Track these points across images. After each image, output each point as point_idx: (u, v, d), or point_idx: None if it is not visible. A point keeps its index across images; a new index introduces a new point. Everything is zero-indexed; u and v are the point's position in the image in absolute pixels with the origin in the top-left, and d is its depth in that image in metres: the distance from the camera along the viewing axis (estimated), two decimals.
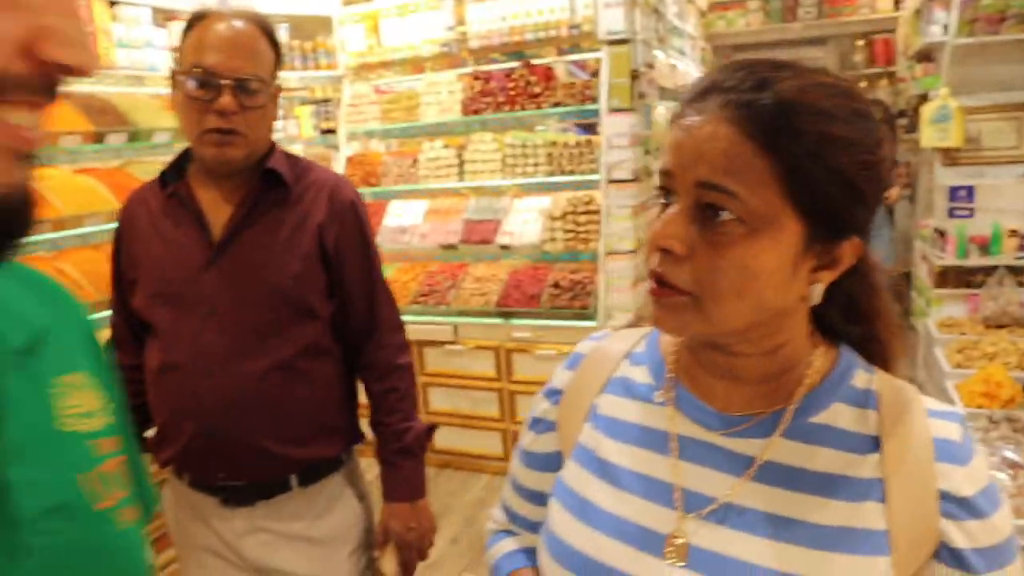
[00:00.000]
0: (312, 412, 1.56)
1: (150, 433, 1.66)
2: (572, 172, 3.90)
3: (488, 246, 4.02)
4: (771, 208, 0.67)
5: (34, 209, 0.48)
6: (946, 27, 5.18)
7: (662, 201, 0.74)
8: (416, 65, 4.25)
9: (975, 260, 4.18)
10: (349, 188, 1.63)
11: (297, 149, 4.07)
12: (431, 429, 1.70)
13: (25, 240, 0.47)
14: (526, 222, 3.99)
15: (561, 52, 4.03)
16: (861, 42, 7.60)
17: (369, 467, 1.67)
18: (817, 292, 0.74)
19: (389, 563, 1.71)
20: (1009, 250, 4.12)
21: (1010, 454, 2.87)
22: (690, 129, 0.70)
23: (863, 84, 7.62)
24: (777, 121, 0.66)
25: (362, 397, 1.70)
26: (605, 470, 0.83)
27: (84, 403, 0.62)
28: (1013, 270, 4.11)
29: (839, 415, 0.76)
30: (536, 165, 3.95)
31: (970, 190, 4.22)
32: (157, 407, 1.57)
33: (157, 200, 1.57)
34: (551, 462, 0.92)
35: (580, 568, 0.78)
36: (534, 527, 0.95)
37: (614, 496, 0.80)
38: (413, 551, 1.67)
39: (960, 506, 0.69)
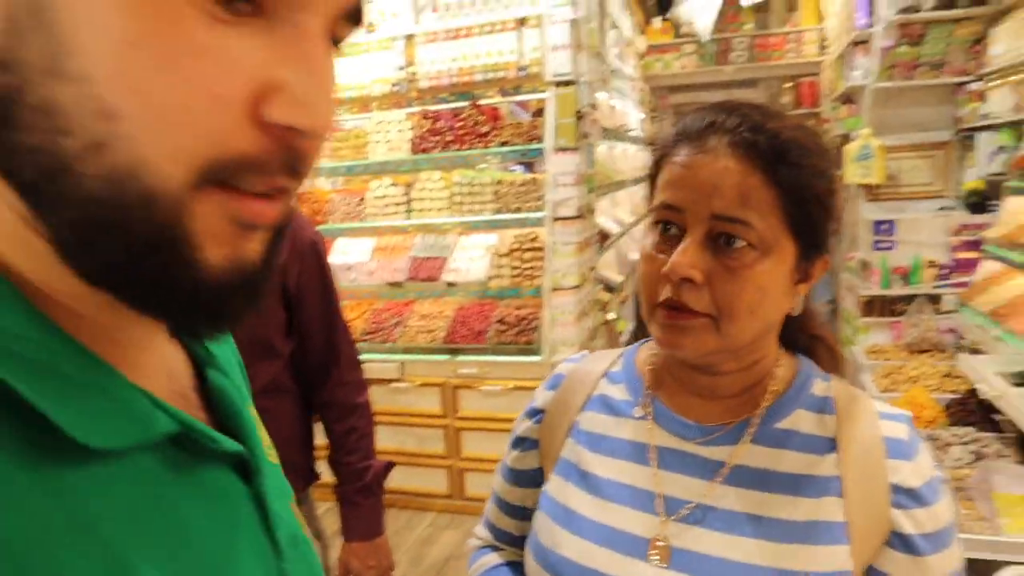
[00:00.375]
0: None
1: None
2: (518, 209, 4.00)
3: (434, 283, 4.08)
4: (775, 233, 0.78)
5: (267, 283, 0.42)
6: (867, 72, 5.52)
7: (661, 233, 0.83)
8: (364, 104, 4.32)
9: (898, 290, 4.42)
10: (310, 228, 1.68)
11: None
12: (389, 467, 1.74)
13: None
14: (472, 259, 4.07)
15: (505, 92, 4.15)
16: (789, 84, 7.99)
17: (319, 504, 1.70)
18: (799, 304, 0.85)
19: None
20: (928, 280, 4.39)
21: (941, 471, 3.05)
22: (698, 165, 0.79)
23: None
24: (777, 157, 0.77)
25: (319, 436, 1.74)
26: (588, 482, 0.89)
27: (264, 436, 0.59)
28: (932, 298, 4.37)
29: (801, 420, 0.84)
30: (483, 203, 4.05)
31: (891, 224, 4.48)
32: None
33: None
34: (534, 478, 0.98)
35: (568, 574, 0.84)
36: (517, 541, 1.02)
37: (598, 506, 0.86)
38: None
39: (908, 496, 0.78)
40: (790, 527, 0.78)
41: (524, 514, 1.00)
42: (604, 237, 4.76)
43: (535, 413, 1.01)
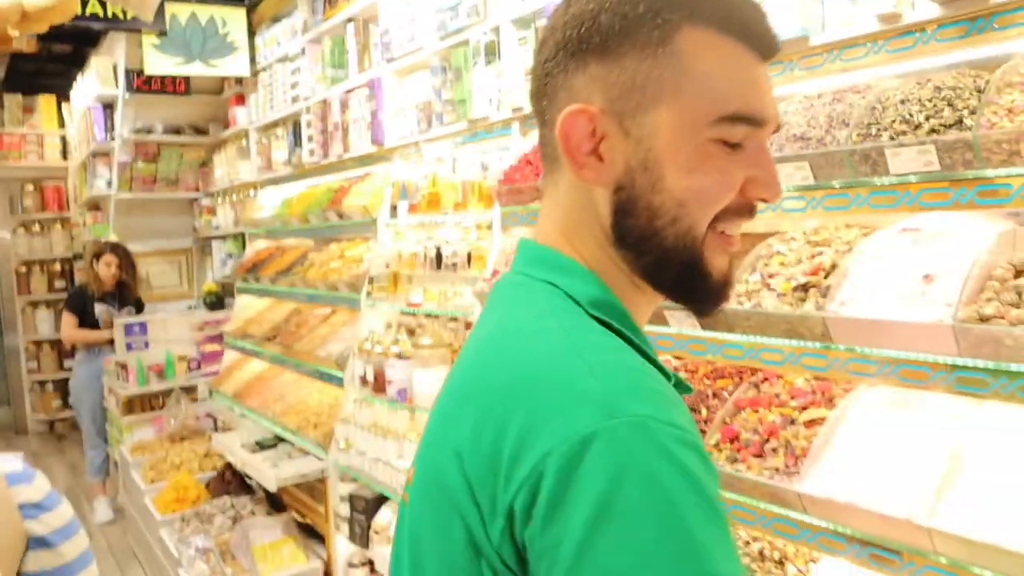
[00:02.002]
0: None
1: None
2: None
3: None
4: None
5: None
6: (110, 183, 5.77)
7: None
8: None
9: (156, 385, 4.71)
10: None
11: None
12: None
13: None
14: None
15: None
16: (31, 187, 7.65)
17: None
18: None
19: None
20: (181, 373, 4.81)
21: (201, 542, 3.38)
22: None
23: (35, 228, 7.65)
24: None
25: None
26: None
27: None
28: (187, 389, 4.80)
29: None
30: None
31: (143, 325, 4.76)
32: None
33: None
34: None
35: None
36: None
37: None
38: None
39: (36, 507, 1.05)
40: None
41: None
42: None
43: None
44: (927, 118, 1.37)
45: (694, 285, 0.71)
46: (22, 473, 1.07)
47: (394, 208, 2.99)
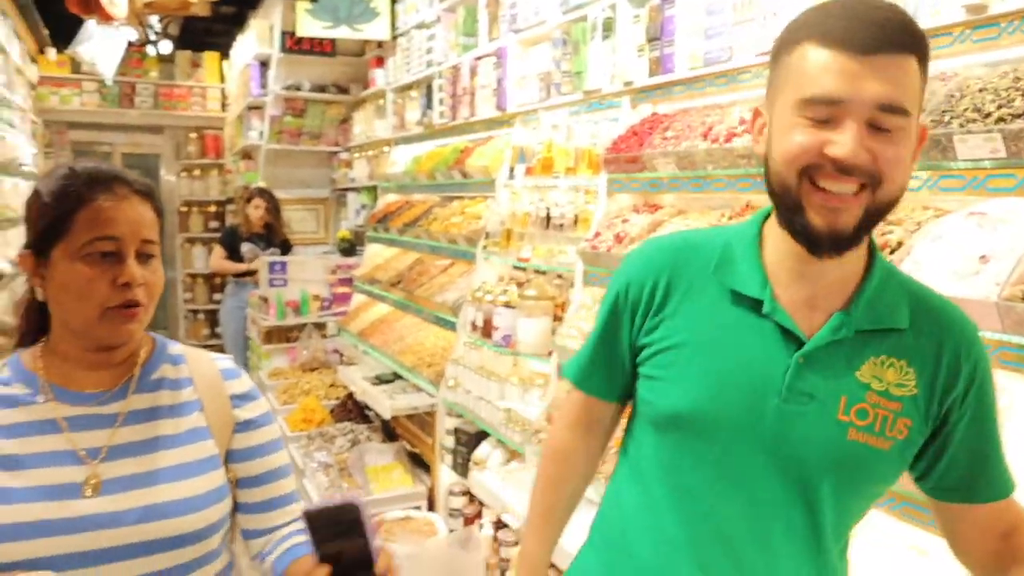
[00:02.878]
0: None
1: None
2: None
3: None
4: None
5: (858, 239, 0.96)
6: (261, 134, 6.32)
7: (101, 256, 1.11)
8: None
9: (291, 320, 5.21)
10: None
11: None
12: None
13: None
14: None
15: None
16: (194, 135, 8.42)
17: None
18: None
19: None
20: (314, 311, 5.29)
21: (323, 458, 3.81)
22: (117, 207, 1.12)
23: (196, 173, 8.43)
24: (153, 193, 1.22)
25: None
26: (9, 463, 1.10)
27: None
28: (318, 326, 5.28)
29: (165, 371, 1.24)
30: None
31: (284, 265, 5.26)
32: None
33: None
34: None
35: (14, 533, 1.06)
36: None
37: (25, 475, 1.09)
38: None
39: (241, 399, 1.29)
40: (180, 437, 1.21)
41: None
42: None
43: None
44: (998, 107, 1.46)
45: (796, 228, 0.96)
46: (232, 370, 1.31)
47: (512, 170, 3.23)
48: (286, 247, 5.65)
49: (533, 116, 3.29)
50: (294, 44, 5.73)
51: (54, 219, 1.12)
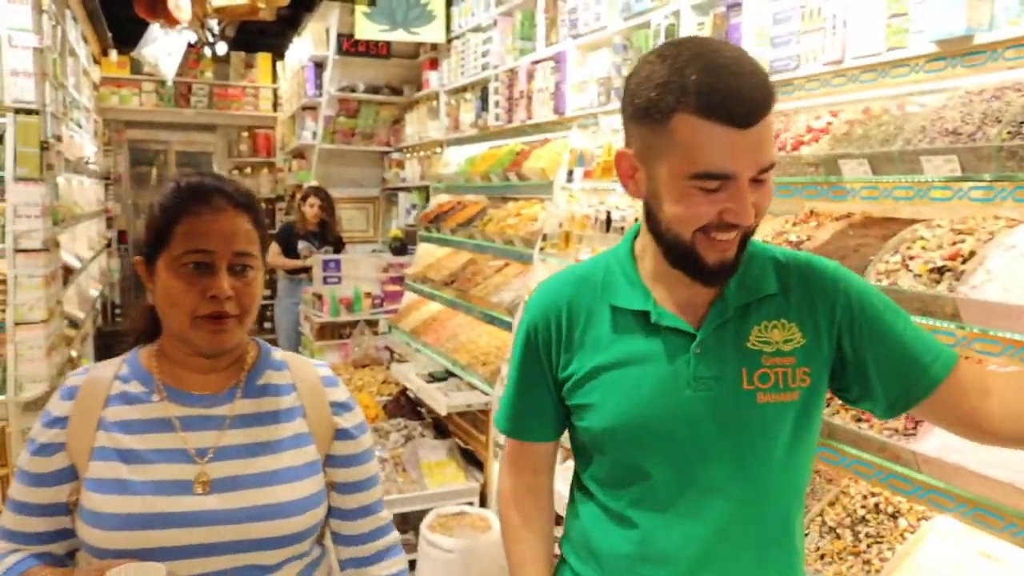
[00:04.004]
0: None
1: None
2: None
3: None
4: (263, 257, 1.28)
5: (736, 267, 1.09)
6: (315, 133, 6.46)
7: (193, 268, 1.16)
8: None
9: (344, 317, 5.33)
10: None
11: None
12: None
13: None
14: None
15: None
16: (246, 133, 8.62)
17: None
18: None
19: None
20: (366, 308, 5.39)
21: (378, 452, 3.91)
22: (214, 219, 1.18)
23: (247, 171, 8.63)
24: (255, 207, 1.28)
25: None
26: (130, 456, 1.17)
27: None
28: (370, 323, 5.39)
29: (270, 377, 1.28)
30: None
31: (338, 263, 5.37)
32: None
33: None
34: (63, 476, 1.18)
35: (134, 523, 1.14)
36: (47, 538, 1.22)
37: (144, 470, 1.16)
38: None
39: (340, 407, 1.32)
40: (283, 441, 1.23)
41: (58, 509, 1.19)
42: (68, 272, 4.64)
43: (57, 421, 1.20)
44: None
45: (688, 266, 1.08)
46: (332, 378, 1.34)
47: (570, 173, 3.28)
48: (339, 245, 5.77)
49: (592, 120, 3.34)
50: (350, 46, 5.86)
51: (158, 230, 1.19)
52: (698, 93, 0.95)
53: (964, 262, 1.61)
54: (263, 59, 8.53)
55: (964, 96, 1.77)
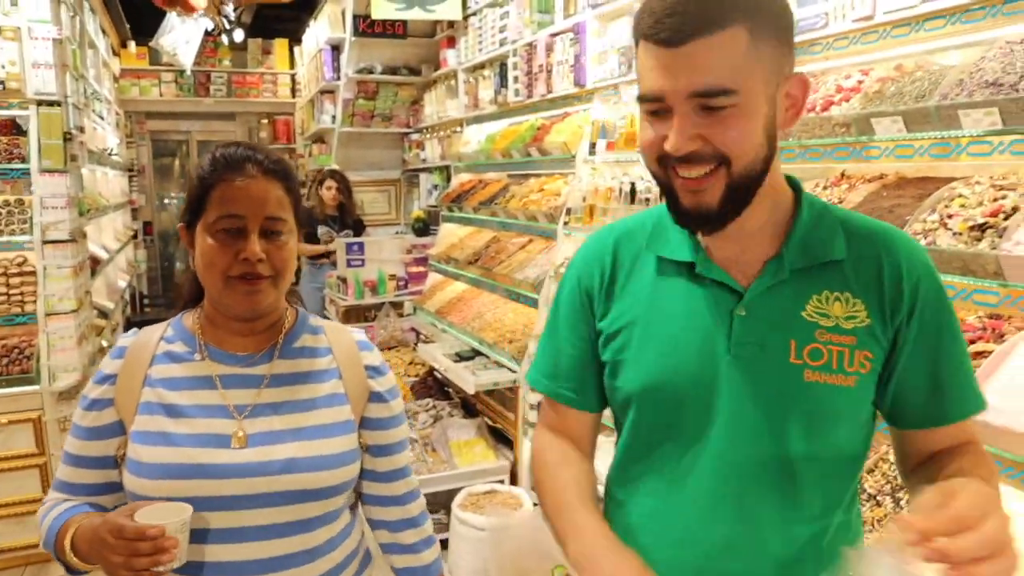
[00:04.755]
0: None
1: None
2: (0, 232, 3.76)
3: None
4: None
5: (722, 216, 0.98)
6: (334, 117, 6.44)
7: (226, 233, 1.20)
8: None
9: (369, 299, 5.33)
10: None
11: None
12: None
13: None
14: None
15: None
16: (265, 120, 8.63)
17: None
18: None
19: None
20: (391, 290, 5.39)
21: (413, 433, 3.90)
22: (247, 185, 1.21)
23: None
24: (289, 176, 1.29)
25: None
26: (173, 411, 1.23)
27: None
28: (395, 305, 5.39)
29: (306, 340, 1.33)
30: None
31: (361, 246, 5.37)
32: None
33: None
34: (113, 431, 1.28)
35: (175, 472, 1.20)
36: (97, 489, 1.29)
37: (186, 423, 1.24)
38: None
39: (375, 371, 1.36)
40: (318, 401, 1.30)
41: (107, 463, 1.29)
42: (95, 262, 4.68)
43: (107, 379, 1.28)
44: None
45: (671, 208, 1.01)
46: (366, 343, 1.39)
47: (593, 146, 3.24)
48: (359, 227, 5.77)
49: (613, 91, 3.29)
50: (367, 27, 5.81)
51: (196, 198, 1.25)
52: (639, 14, 0.94)
53: (1007, 218, 1.56)
54: (280, 45, 8.52)
55: (1005, 46, 1.70)
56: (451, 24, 5.47)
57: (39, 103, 3.78)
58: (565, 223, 3.34)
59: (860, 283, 1.01)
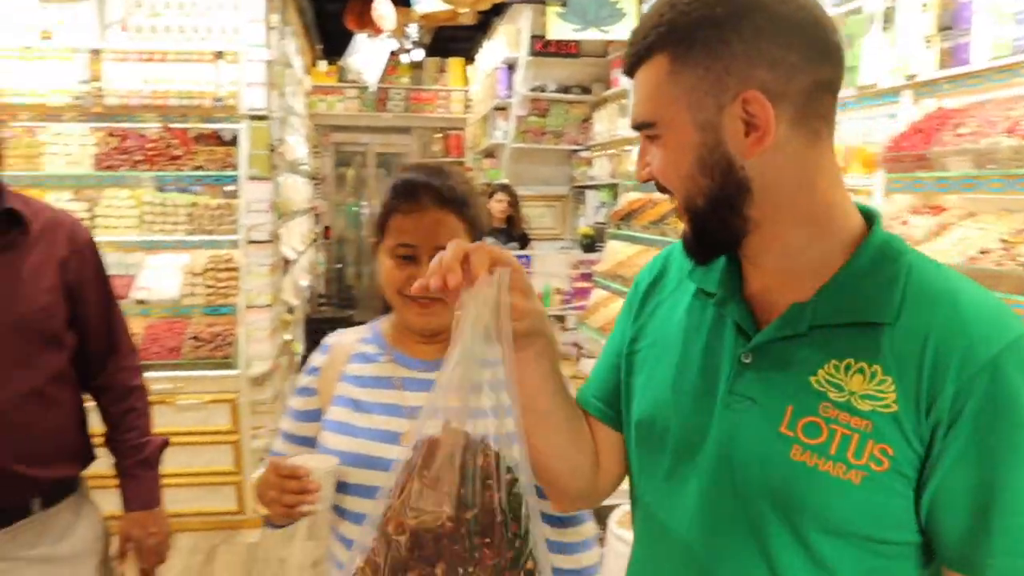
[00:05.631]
0: (58, 435, 1.71)
1: None
2: (212, 232, 4.17)
3: (122, 301, 4.05)
4: None
5: None
6: (506, 133, 6.66)
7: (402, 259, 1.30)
8: (38, 112, 4.13)
9: None
10: (84, 227, 1.81)
11: None
12: (165, 443, 1.91)
13: None
14: (162, 278, 4.14)
15: (201, 120, 4.31)
16: (439, 135, 9.05)
17: None
18: None
19: (131, 570, 1.86)
20: (556, 304, 5.49)
21: None
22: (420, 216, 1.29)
23: None
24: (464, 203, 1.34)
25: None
26: (358, 405, 1.35)
27: None
28: (559, 318, 5.48)
29: None
30: (176, 224, 4.15)
31: (528, 259, 5.51)
32: None
33: None
34: (314, 416, 1.41)
35: (351, 461, 1.31)
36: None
37: (367, 418, 1.33)
38: (153, 555, 1.84)
39: None
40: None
41: (311, 443, 1.39)
42: (286, 262, 5.10)
43: (314, 370, 1.44)
44: None
45: None
46: None
47: None
48: (524, 240, 5.92)
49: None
50: (541, 47, 5.99)
51: (378, 223, 1.36)
52: None
53: None
54: (454, 63, 8.92)
55: None
56: (624, 44, 5.52)
57: (251, 118, 4.19)
58: None
59: (898, 358, 0.77)
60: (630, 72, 0.87)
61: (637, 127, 0.86)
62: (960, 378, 0.74)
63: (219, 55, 4.16)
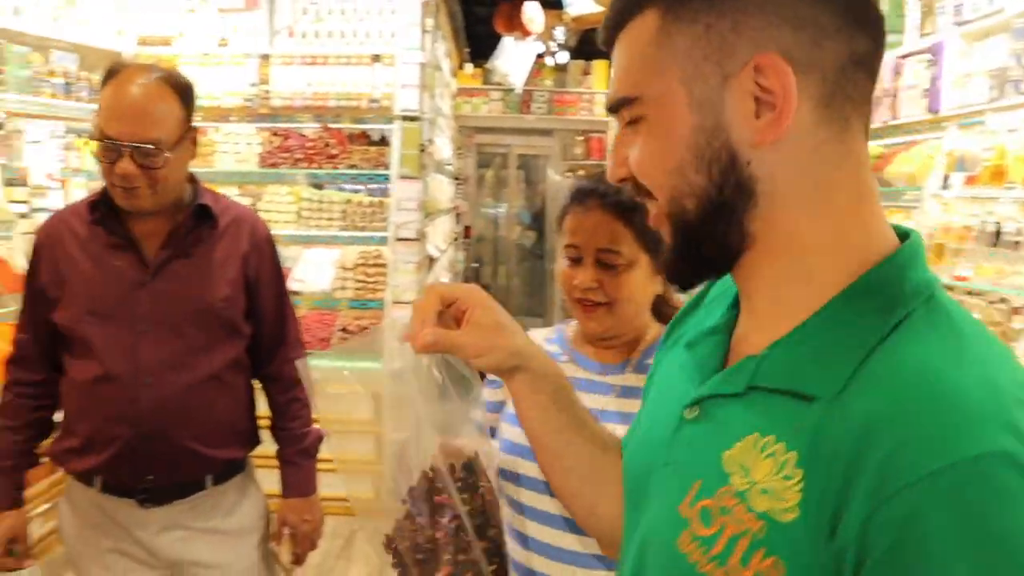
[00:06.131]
0: (230, 419, 1.83)
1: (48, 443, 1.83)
2: (363, 228, 4.36)
3: None
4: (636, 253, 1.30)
5: None
6: None
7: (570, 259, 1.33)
8: (218, 114, 4.46)
9: None
10: (263, 223, 1.93)
11: (80, 182, 4.07)
12: (322, 435, 1.96)
13: None
14: (316, 271, 4.36)
15: (356, 120, 4.51)
16: (581, 138, 9.05)
17: None
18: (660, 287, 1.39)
19: (284, 552, 1.98)
20: None
21: None
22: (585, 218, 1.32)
23: (580, 173, 9.04)
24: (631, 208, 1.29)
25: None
26: None
27: None
28: None
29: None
30: (330, 219, 4.36)
31: None
32: (85, 416, 1.72)
33: (83, 224, 1.74)
34: (496, 407, 1.46)
35: (514, 450, 1.33)
36: None
37: None
38: (307, 540, 1.95)
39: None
40: None
41: (490, 433, 1.45)
42: (430, 260, 5.24)
43: None
44: None
45: None
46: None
47: (946, 178, 2.94)
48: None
49: (975, 119, 2.96)
50: None
51: (558, 225, 1.39)
52: None
53: None
54: (599, 66, 8.87)
55: None
56: None
57: (404, 119, 4.33)
58: None
59: (818, 448, 0.56)
60: (610, 40, 0.68)
61: (613, 107, 0.67)
62: (874, 498, 0.51)
63: (376, 58, 4.34)
